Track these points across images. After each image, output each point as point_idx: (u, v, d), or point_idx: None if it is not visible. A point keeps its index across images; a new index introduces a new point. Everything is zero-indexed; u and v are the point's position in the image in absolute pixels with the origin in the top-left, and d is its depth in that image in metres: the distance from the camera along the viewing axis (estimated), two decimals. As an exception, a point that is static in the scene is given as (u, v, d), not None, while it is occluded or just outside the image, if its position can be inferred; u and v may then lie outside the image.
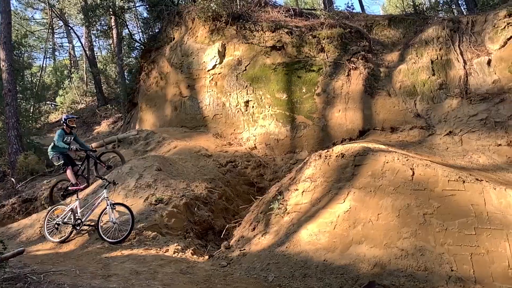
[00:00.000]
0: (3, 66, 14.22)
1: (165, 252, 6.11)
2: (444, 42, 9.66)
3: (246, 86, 11.48)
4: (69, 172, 8.47)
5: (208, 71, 12.29)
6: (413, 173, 5.91)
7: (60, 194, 8.93)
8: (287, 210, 6.48)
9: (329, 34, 10.97)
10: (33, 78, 21.15)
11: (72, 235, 7.04)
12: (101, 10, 17.61)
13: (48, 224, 7.32)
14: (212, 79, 12.20)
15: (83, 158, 9.25)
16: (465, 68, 9.10)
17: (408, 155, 6.54)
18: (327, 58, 10.78)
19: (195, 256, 6.16)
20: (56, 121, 22.45)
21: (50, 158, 8.73)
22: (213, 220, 7.82)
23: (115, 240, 6.50)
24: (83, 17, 19.18)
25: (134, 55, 19.16)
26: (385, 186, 5.91)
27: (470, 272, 4.74)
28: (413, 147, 8.12)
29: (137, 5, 19.89)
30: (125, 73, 20.62)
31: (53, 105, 25.06)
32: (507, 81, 8.41)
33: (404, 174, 5.95)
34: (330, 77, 10.53)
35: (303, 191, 6.59)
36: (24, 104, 17.29)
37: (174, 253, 6.11)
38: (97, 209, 7.10)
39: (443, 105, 9.02)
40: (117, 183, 7.79)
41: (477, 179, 5.64)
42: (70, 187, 8.59)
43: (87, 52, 23.99)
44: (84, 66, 26.46)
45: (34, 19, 29.74)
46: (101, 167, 8.98)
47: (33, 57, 27.93)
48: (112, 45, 24.50)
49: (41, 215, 8.19)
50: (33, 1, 28.50)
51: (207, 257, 6.25)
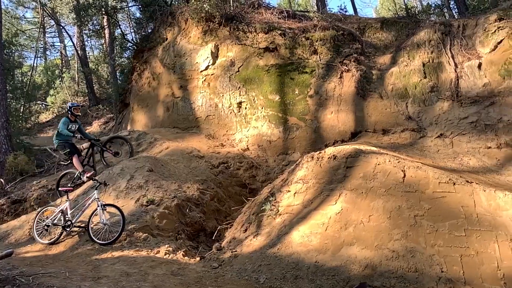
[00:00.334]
0: (-7, 65, 14.07)
1: (156, 254, 6.07)
2: (436, 45, 9.75)
3: (239, 87, 11.47)
4: (75, 160, 8.32)
5: (201, 72, 12.26)
6: (404, 175, 5.95)
7: (68, 185, 8.66)
8: (279, 211, 6.48)
9: (322, 36, 11.01)
10: (23, 78, 20.97)
11: (62, 236, 6.96)
12: (93, 10, 17.50)
13: (37, 226, 7.23)
14: (205, 80, 12.17)
15: (87, 148, 9.14)
16: (456, 71, 9.19)
17: (399, 157, 6.58)
18: (320, 60, 10.82)
19: (186, 258, 6.13)
20: (47, 121, 22.25)
21: (55, 147, 8.59)
22: (204, 222, 7.78)
23: (106, 242, 6.45)
24: (75, 16, 19.05)
25: (126, 55, 19.08)
26: (377, 188, 5.94)
27: (460, 273, 4.77)
28: (405, 149, 8.18)
29: (129, 5, 19.81)
30: (117, 73, 20.54)
31: (43, 105, 24.83)
32: (497, 84, 8.51)
33: (395, 176, 5.99)
34: (322, 79, 10.57)
35: (295, 193, 6.60)
36: (14, 103, 17.11)
37: (165, 254, 6.07)
38: (87, 210, 7.04)
39: (435, 108, 9.10)
40: (108, 184, 7.73)
41: (467, 181, 5.69)
42: (74, 183, 8.45)
43: (79, 52, 23.84)
44: (76, 65, 26.26)
45: (25, 18, 29.45)
46: (108, 154, 8.86)
47: (24, 56, 27.76)
48: (104, 45, 24.36)
49: (30, 216, 8.09)
50: (24, 0, 28.21)
51: (198, 258, 6.21)
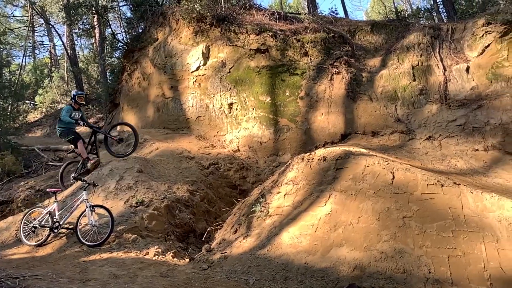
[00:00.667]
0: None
1: (145, 255, 6.03)
2: (425, 48, 9.86)
3: (230, 88, 11.46)
4: (80, 146, 8.13)
5: (192, 72, 12.23)
6: (393, 176, 6.01)
7: (72, 176, 8.51)
8: (269, 213, 6.49)
9: (313, 38, 11.06)
10: (11, 77, 20.58)
11: (50, 238, 6.86)
12: (83, 9, 17.35)
13: (24, 227, 7.12)
14: (195, 81, 12.14)
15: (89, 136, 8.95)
16: (444, 74, 9.30)
17: (388, 159, 6.64)
18: (311, 62, 10.87)
19: (175, 259, 6.10)
20: (35, 120, 21.94)
21: (59, 135, 8.39)
22: (194, 223, 7.75)
23: (94, 243, 6.38)
24: (64, 15, 18.82)
25: (116, 55, 18.97)
26: (366, 189, 5.99)
27: (447, 274, 4.83)
28: (394, 151, 8.25)
29: (120, 4, 19.66)
30: (107, 73, 20.36)
31: (32, 104, 24.50)
32: (484, 88, 8.63)
33: (384, 177, 6.04)
34: (313, 81, 10.61)
35: (285, 194, 6.62)
36: (2, 103, 16.81)
37: (154, 256, 6.04)
38: (76, 211, 6.96)
39: (423, 110, 9.20)
40: (97, 185, 7.67)
41: (455, 183, 5.76)
42: (78, 172, 8.32)
43: (69, 51, 23.57)
44: (65, 65, 25.93)
45: (14, 16, 29.09)
46: (112, 141, 8.72)
47: (12, 55, 27.25)
48: (94, 45, 24.15)
49: (17, 218, 7.97)
50: (13, -2, 27.81)
51: (187, 260, 6.19)
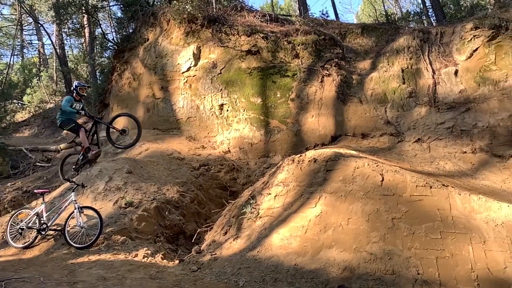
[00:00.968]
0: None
1: (134, 257, 5.99)
2: (415, 51, 9.98)
3: (221, 89, 11.44)
4: (82, 134, 7.91)
5: (183, 73, 12.18)
6: (383, 178, 6.05)
7: (72, 168, 8.27)
8: (259, 214, 6.48)
9: (304, 40, 11.12)
10: (-1, 76, 20.33)
11: (37, 240, 6.75)
12: (73, 8, 17.15)
13: (11, 229, 7.01)
14: (186, 82, 12.09)
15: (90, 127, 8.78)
16: (433, 77, 9.42)
17: (378, 161, 6.69)
18: (302, 64, 10.91)
19: (165, 261, 6.07)
20: (23, 120, 21.64)
21: (59, 125, 8.23)
22: (184, 224, 7.72)
23: (83, 245, 6.31)
24: (54, 14, 18.63)
25: (106, 55, 18.75)
26: (356, 191, 6.02)
27: (436, 275, 4.87)
28: (383, 153, 8.32)
29: (111, 4, 19.51)
30: (97, 73, 20.18)
31: (20, 104, 24.15)
32: (472, 91, 8.76)
33: (374, 179, 6.08)
34: (304, 83, 10.65)
35: (276, 195, 6.62)
36: (-12, 102, 16.58)
37: (144, 257, 5.99)
38: (64, 213, 6.87)
39: (413, 113, 9.29)
40: (86, 186, 7.58)
41: (443, 185, 5.83)
42: (79, 163, 8.12)
43: (58, 51, 23.31)
44: (54, 64, 25.65)
45: (1, 14, 28.69)
46: (114, 132, 8.63)
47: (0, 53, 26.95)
48: (84, 44, 23.87)
49: (3, 220, 7.85)
50: (1, -4, 27.44)
51: (177, 261, 6.16)
